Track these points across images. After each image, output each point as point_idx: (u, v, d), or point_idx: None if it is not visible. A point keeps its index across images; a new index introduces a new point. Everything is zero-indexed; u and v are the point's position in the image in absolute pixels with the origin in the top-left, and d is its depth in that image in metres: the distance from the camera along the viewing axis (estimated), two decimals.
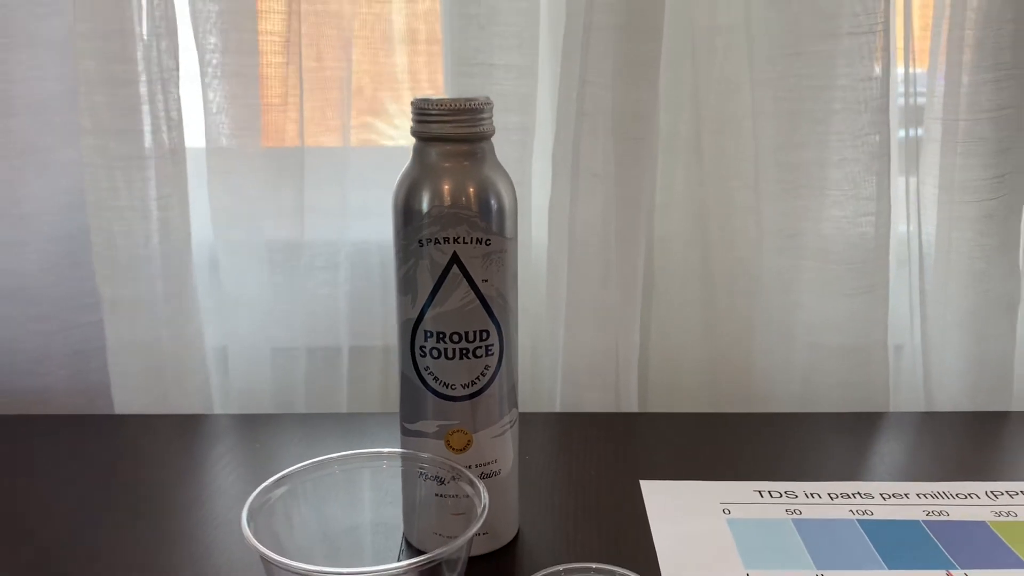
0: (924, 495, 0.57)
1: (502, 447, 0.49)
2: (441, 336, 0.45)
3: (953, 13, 0.68)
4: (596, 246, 0.71)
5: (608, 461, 0.62)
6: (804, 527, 0.54)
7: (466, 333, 0.45)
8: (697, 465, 0.61)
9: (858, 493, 0.58)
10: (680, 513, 0.55)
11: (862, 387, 0.72)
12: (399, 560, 0.47)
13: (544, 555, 0.50)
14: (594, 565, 0.45)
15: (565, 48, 0.68)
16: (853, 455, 0.63)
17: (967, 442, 0.65)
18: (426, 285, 0.45)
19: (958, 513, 0.55)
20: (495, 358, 0.46)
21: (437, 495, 0.47)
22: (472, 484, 0.43)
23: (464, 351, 0.45)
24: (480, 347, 0.46)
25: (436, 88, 0.78)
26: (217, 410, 0.78)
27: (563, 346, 0.73)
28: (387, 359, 0.82)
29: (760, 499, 0.57)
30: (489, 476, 0.48)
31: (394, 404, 0.79)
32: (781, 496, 0.57)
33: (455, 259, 0.44)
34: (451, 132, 0.45)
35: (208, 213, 0.74)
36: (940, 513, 0.55)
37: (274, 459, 0.63)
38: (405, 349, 0.47)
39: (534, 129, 0.72)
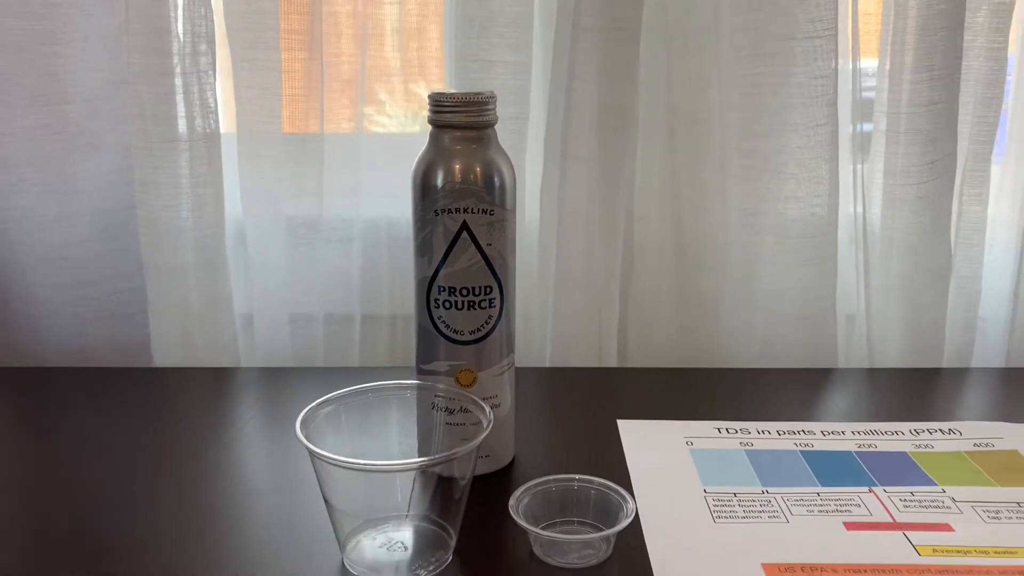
0: (857, 432, 0.67)
1: (501, 385, 0.58)
2: (452, 291, 0.55)
3: (896, 20, 0.77)
4: (582, 223, 0.80)
5: (590, 406, 0.72)
6: (754, 456, 0.64)
7: (473, 288, 0.55)
8: (666, 410, 0.71)
9: (802, 431, 0.68)
10: (650, 445, 0.65)
11: (814, 347, 0.82)
12: None
13: (536, 475, 0.60)
14: (577, 476, 0.55)
15: (556, 48, 0.78)
16: (802, 403, 0.73)
17: (900, 392, 0.76)
18: (440, 248, 0.55)
19: (884, 445, 0.65)
20: (496, 310, 0.56)
21: (447, 423, 0.56)
22: (477, 404, 0.53)
23: (471, 303, 0.55)
24: (484, 300, 0.55)
25: (439, 81, 0.87)
26: (244, 365, 0.88)
27: (552, 310, 0.82)
28: (394, 326, 0.91)
29: (718, 435, 0.67)
30: (493, 407, 0.57)
31: (401, 360, 0.89)
32: (737, 432, 0.67)
33: (464, 227, 0.53)
34: (462, 121, 0.54)
35: (238, 191, 0.83)
36: (869, 446, 0.65)
37: (294, 405, 0.72)
38: (421, 302, 0.56)
39: (528, 119, 0.82)
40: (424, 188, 0.55)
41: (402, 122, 0.89)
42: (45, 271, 0.83)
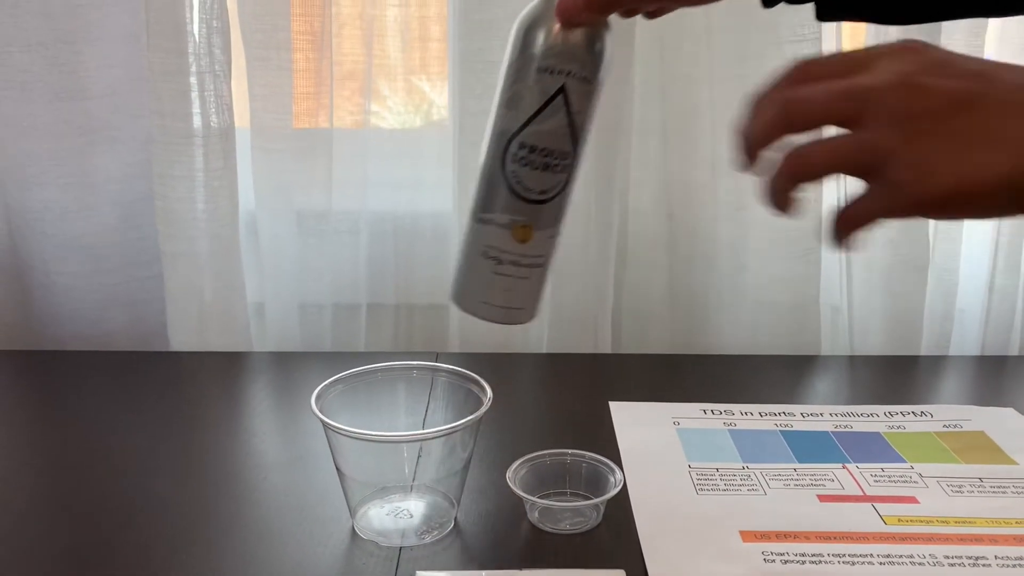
0: (835, 414, 0.72)
1: (549, 247, 0.56)
2: (532, 149, 0.52)
3: (878, 29, 0.81)
4: (579, 216, 0.84)
5: (585, 389, 0.76)
6: (737, 435, 0.68)
7: (553, 151, 0.52)
8: (657, 394, 0.75)
9: (783, 412, 0.72)
10: (639, 424, 0.69)
11: (799, 336, 0.87)
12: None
13: (532, 450, 0.64)
14: (570, 451, 0.59)
15: None
16: (785, 387, 0.78)
17: (879, 378, 0.80)
18: (530, 106, 0.51)
19: (860, 426, 0.70)
20: (567, 176, 0.54)
21: (494, 272, 0.53)
22: (477, 382, 0.57)
23: (547, 165, 0.52)
24: (559, 164, 0.52)
25: (442, 79, 0.91)
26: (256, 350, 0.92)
27: (550, 299, 0.86)
28: (398, 314, 0.95)
29: (704, 415, 0.71)
30: (536, 266, 0.54)
31: (404, 347, 0.93)
32: (721, 413, 0.71)
33: (562, 90, 0.50)
34: None
35: (251, 184, 0.87)
36: (846, 427, 0.70)
37: (304, 386, 0.76)
38: (496, 154, 0.53)
39: None
40: (527, 41, 0.51)
41: (404, 118, 0.93)
42: (67, 259, 0.87)
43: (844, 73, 0.40)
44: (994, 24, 0.84)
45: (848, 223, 0.41)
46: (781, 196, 0.41)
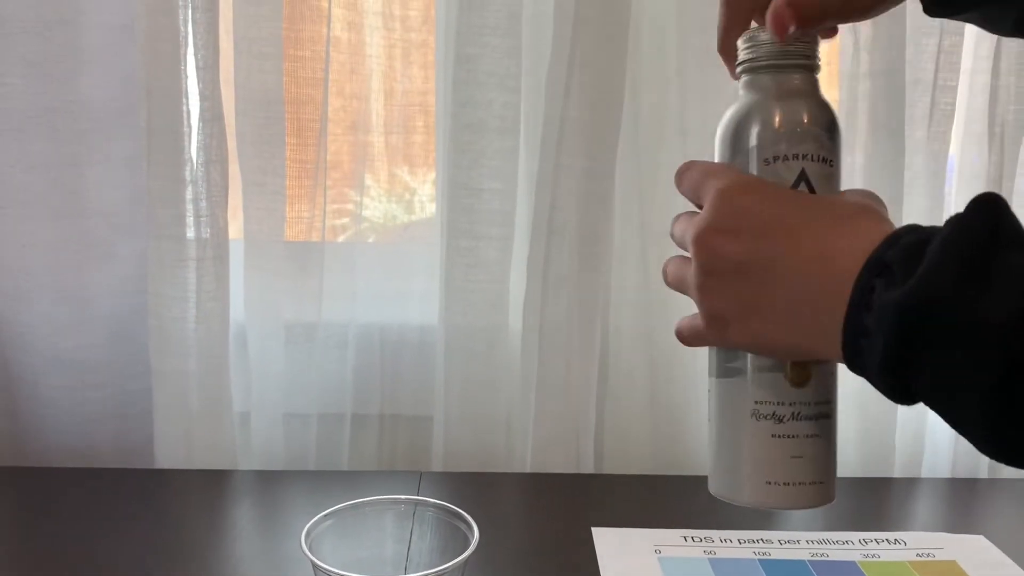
0: (811, 541, 0.73)
1: (833, 386, 0.45)
2: None
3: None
4: (561, 336, 0.87)
5: (568, 512, 0.78)
6: (717, 564, 0.69)
7: None
8: (639, 516, 0.76)
9: (761, 539, 0.73)
10: (621, 553, 0.70)
11: None
12: None
13: None
14: None
15: (539, 181, 0.85)
16: (762, 510, 0.79)
17: (853, 501, 0.82)
18: None
19: (835, 555, 0.71)
20: None
21: (774, 436, 0.43)
22: (463, 519, 0.58)
23: None
24: None
25: (431, 203, 0.95)
26: (241, 466, 0.92)
27: (533, 417, 0.88)
28: (383, 425, 0.97)
29: (684, 543, 0.72)
30: (824, 417, 0.44)
31: (388, 462, 0.94)
32: (701, 541, 0.73)
33: (803, 176, 0.44)
34: (792, 61, 0.45)
35: (242, 296, 0.89)
36: (822, 555, 0.71)
37: (289, 508, 0.77)
38: None
39: (513, 239, 0.89)
40: (744, 136, 0.44)
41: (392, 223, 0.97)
42: (56, 372, 0.88)
43: (692, 198, 0.46)
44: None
45: (681, 338, 0.48)
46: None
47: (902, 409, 0.89)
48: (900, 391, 0.38)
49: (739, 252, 0.41)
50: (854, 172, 0.85)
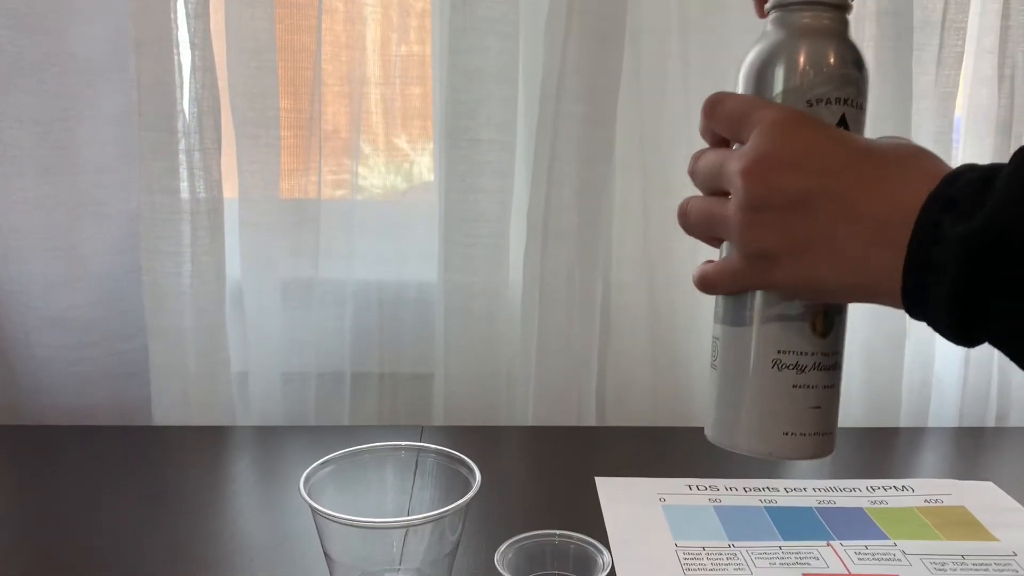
0: (818, 488, 0.72)
1: (844, 336, 0.44)
2: None
3: None
4: (562, 290, 0.86)
5: (570, 464, 0.77)
6: (722, 512, 0.68)
7: None
8: (641, 467, 0.76)
9: (767, 487, 0.72)
10: (625, 501, 0.69)
11: None
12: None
13: (520, 530, 0.64)
14: (558, 532, 0.60)
15: (538, 131, 0.84)
16: (768, 460, 0.78)
17: (861, 450, 0.81)
18: None
19: (843, 501, 0.70)
20: None
21: (795, 386, 0.42)
22: (465, 464, 0.57)
23: None
24: None
25: (428, 156, 0.93)
26: (239, 423, 0.91)
27: (535, 372, 0.87)
28: (382, 383, 0.96)
29: (689, 491, 0.71)
30: (837, 368, 0.44)
31: (388, 419, 0.93)
32: (706, 489, 0.72)
33: (843, 121, 0.42)
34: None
35: (238, 254, 0.88)
36: (829, 502, 0.70)
37: (288, 463, 0.76)
38: None
39: (512, 192, 0.87)
40: (779, 76, 0.42)
41: (390, 185, 0.95)
42: (51, 332, 0.86)
43: (729, 131, 0.43)
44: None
45: (707, 284, 0.45)
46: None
47: (908, 359, 0.88)
48: (964, 329, 0.36)
49: (798, 186, 0.40)
50: None
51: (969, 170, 0.36)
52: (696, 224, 0.46)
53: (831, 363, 0.43)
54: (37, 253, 0.85)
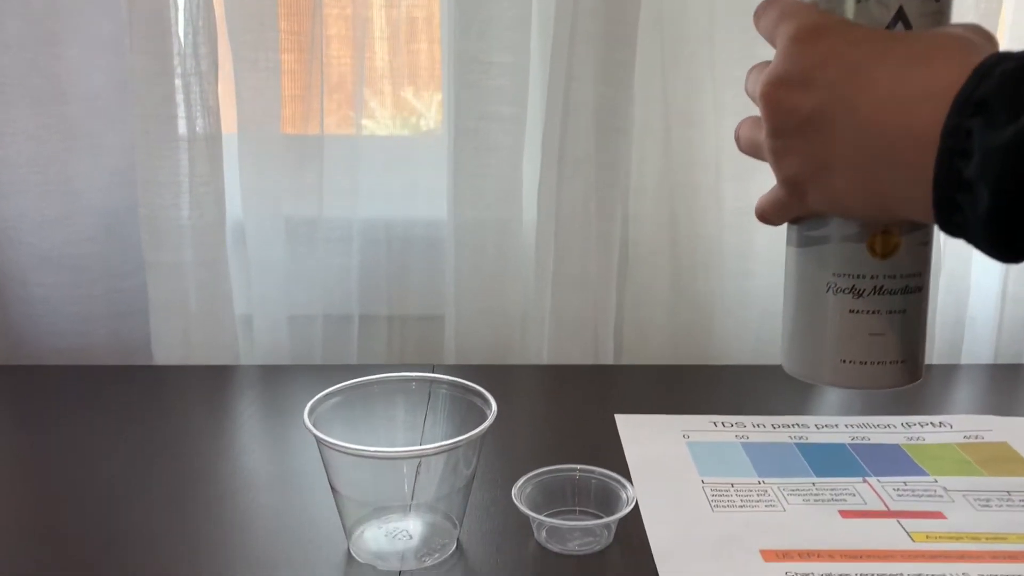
0: (851, 425, 0.69)
1: (924, 259, 0.40)
2: None
3: None
4: (578, 223, 0.81)
5: (589, 401, 0.73)
6: (750, 448, 0.65)
7: None
8: (663, 406, 0.72)
9: (797, 424, 0.69)
10: (647, 438, 0.66)
11: None
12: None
13: (538, 466, 0.61)
14: (578, 466, 0.56)
15: (553, 51, 0.79)
16: (797, 398, 0.75)
17: None
18: None
19: (877, 438, 0.67)
20: None
21: (852, 311, 0.39)
22: (480, 394, 0.54)
23: None
24: None
25: (433, 84, 0.88)
26: (243, 363, 0.88)
27: (550, 309, 0.83)
28: (391, 326, 0.92)
29: (714, 428, 0.68)
30: (912, 291, 0.40)
31: (398, 359, 0.90)
32: (732, 426, 0.68)
33: (900, 15, 0.38)
34: None
35: (239, 191, 0.84)
36: (863, 438, 0.67)
37: (294, 401, 0.73)
38: None
39: (525, 120, 0.83)
40: None
41: (391, 127, 0.90)
42: (46, 270, 0.83)
43: (771, 45, 0.41)
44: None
45: (764, 218, 0.42)
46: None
47: (942, 293, 0.84)
48: (1008, 245, 0.32)
49: (811, 103, 0.36)
50: None
51: (1002, 60, 0.31)
52: (744, 149, 0.43)
53: (900, 286, 0.39)
54: (29, 187, 0.81)
